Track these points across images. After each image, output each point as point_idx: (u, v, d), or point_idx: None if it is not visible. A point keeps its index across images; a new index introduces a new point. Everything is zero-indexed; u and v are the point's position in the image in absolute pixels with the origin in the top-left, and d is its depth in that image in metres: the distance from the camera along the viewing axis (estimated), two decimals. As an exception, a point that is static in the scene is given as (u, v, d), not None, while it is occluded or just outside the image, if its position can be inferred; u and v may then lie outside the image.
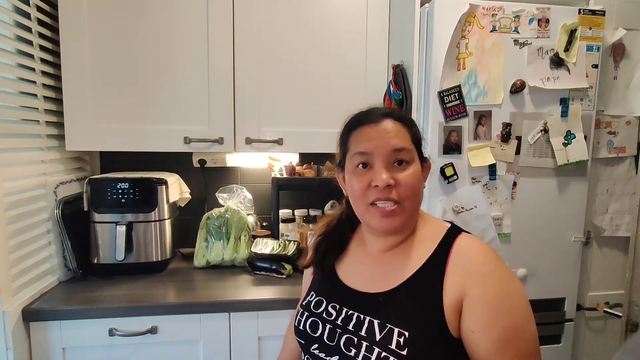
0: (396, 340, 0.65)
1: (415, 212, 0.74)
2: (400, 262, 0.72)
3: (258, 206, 1.77)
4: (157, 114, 1.42)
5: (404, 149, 0.70)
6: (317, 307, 0.77)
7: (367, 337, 0.68)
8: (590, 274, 1.49)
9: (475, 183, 1.32)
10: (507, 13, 1.27)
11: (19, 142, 1.22)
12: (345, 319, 0.72)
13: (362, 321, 0.70)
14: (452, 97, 1.27)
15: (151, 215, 1.41)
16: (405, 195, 0.69)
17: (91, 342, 1.15)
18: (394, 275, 0.71)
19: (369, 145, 0.70)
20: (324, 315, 0.75)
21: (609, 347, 1.52)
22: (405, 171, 0.70)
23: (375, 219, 0.70)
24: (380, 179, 0.68)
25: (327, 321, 0.74)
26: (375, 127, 0.72)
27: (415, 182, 0.70)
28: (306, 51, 1.48)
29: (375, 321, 0.68)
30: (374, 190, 0.69)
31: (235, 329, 1.22)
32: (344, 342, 0.70)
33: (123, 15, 1.36)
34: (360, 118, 0.75)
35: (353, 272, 0.78)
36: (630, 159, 1.46)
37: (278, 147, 1.48)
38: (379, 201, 0.69)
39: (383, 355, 0.64)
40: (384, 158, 0.69)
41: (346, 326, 0.71)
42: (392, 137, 0.70)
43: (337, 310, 0.74)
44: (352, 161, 0.73)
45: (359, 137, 0.73)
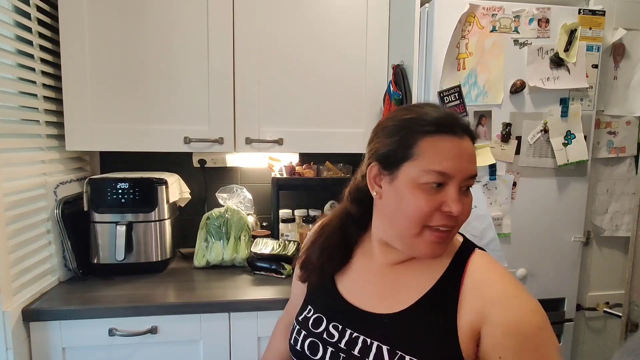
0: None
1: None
2: (410, 278, 0.66)
3: (258, 206, 1.77)
4: (157, 114, 1.42)
5: (475, 177, 0.64)
6: (316, 325, 0.71)
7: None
8: (590, 274, 1.49)
9: (475, 183, 1.31)
10: (507, 13, 1.27)
11: (19, 142, 1.22)
12: (349, 342, 0.66)
13: (369, 346, 0.63)
14: (452, 97, 1.27)
15: (151, 215, 1.41)
16: (462, 221, 0.64)
17: (91, 342, 1.15)
18: (404, 294, 0.65)
19: (453, 166, 0.60)
20: (325, 336, 0.69)
21: (609, 347, 1.52)
22: (468, 197, 0.64)
23: (427, 243, 0.62)
24: (457, 207, 0.60)
25: (329, 343, 0.68)
26: (459, 143, 0.62)
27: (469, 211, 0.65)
28: (306, 51, 1.48)
29: (384, 347, 0.62)
30: (442, 215, 0.61)
31: (235, 329, 1.22)
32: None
33: (123, 15, 1.36)
34: (440, 122, 0.62)
35: (356, 286, 0.71)
36: (630, 159, 1.46)
37: (278, 147, 1.48)
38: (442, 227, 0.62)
39: None
40: (461, 183, 0.62)
41: (351, 350, 0.65)
42: (472, 161, 0.63)
43: (340, 332, 0.68)
44: (423, 175, 0.61)
45: (440, 151, 0.61)
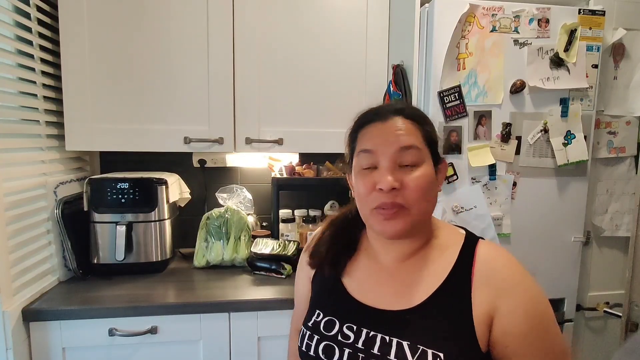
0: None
1: (425, 218, 0.68)
2: (421, 274, 0.66)
3: (258, 206, 1.77)
4: (157, 114, 1.41)
5: (412, 147, 0.64)
6: (328, 329, 0.69)
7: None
8: (590, 274, 1.49)
9: (475, 183, 1.32)
10: (507, 13, 1.27)
11: (19, 142, 1.22)
12: (367, 341, 0.65)
13: (389, 343, 0.63)
14: (452, 97, 1.27)
15: (151, 215, 1.41)
16: (412, 200, 0.63)
17: (91, 342, 1.15)
18: (418, 289, 0.65)
19: (373, 142, 0.65)
20: (340, 338, 0.67)
21: (609, 347, 1.52)
22: (413, 173, 0.64)
23: (378, 222, 0.65)
24: (385, 181, 0.62)
25: (345, 345, 0.66)
26: (383, 124, 0.66)
27: (424, 184, 0.64)
28: (306, 51, 1.48)
29: (405, 342, 0.62)
30: (378, 193, 0.63)
31: (235, 329, 1.22)
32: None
33: (123, 15, 1.36)
34: (369, 114, 0.70)
35: (366, 287, 0.71)
36: (630, 159, 1.46)
37: (278, 147, 1.48)
38: (382, 207, 0.63)
39: None
40: (390, 158, 0.63)
41: (370, 349, 0.64)
42: (399, 134, 0.64)
43: (355, 332, 0.66)
44: (357, 160, 0.68)
45: (366, 135, 0.67)
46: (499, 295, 0.61)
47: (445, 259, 0.66)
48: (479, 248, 0.66)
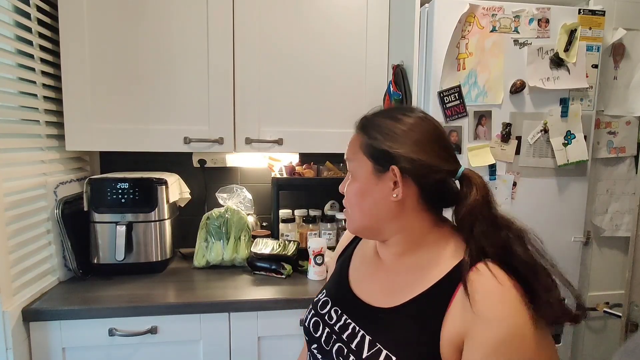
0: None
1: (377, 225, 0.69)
2: (411, 276, 0.67)
3: (258, 206, 1.77)
4: (157, 114, 1.41)
5: (348, 160, 0.71)
6: (322, 307, 0.76)
7: (355, 351, 0.65)
8: (590, 274, 1.49)
9: (475, 183, 1.32)
10: (507, 13, 1.27)
11: (19, 142, 1.22)
12: (342, 326, 0.70)
13: (356, 334, 0.67)
14: (452, 97, 1.27)
15: (151, 215, 1.41)
16: (347, 206, 0.71)
17: (91, 342, 1.15)
18: (401, 291, 0.66)
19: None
20: (326, 318, 0.74)
21: (609, 347, 1.52)
22: (349, 183, 0.71)
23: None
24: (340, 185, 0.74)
25: (327, 324, 0.73)
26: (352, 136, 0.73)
27: (351, 195, 0.70)
28: (306, 51, 1.48)
29: (367, 337, 0.65)
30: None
31: (235, 329, 1.22)
32: (336, 350, 0.69)
33: (123, 15, 1.36)
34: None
35: (362, 278, 0.75)
36: (630, 159, 1.46)
37: (278, 147, 1.48)
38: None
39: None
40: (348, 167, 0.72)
41: (341, 334, 0.69)
42: (347, 149, 0.72)
43: (338, 316, 0.72)
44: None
45: None
46: (473, 321, 0.57)
47: (437, 270, 0.64)
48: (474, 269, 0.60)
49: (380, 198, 0.67)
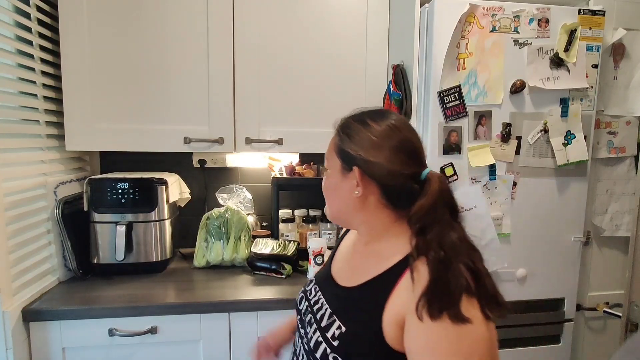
0: (333, 331, 0.71)
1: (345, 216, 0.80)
2: (372, 262, 0.75)
3: (258, 206, 1.77)
4: (157, 114, 1.42)
5: (326, 158, 0.82)
6: (308, 285, 0.88)
7: (318, 320, 0.76)
8: (590, 274, 1.49)
9: (475, 183, 1.32)
10: (507, 13, 1.27)
11: (19, 142, 1.22)
12: (315, 301, 0.81)
13: (322, 307, 0.78)
14: (452, 97, 1.27)
15: (151, 215, 1.41)
16: (325, 197, 0.83)
17: (91, 342, 1.15)
18: (362, 274, 0.75)
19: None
20: (308, 294, 0.84)
21: (609, 347, 1.52)
22: (325, 177, 0.83)
23: None
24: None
25: (307, 299, 0.83)
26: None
27: (327, 187, 0.82)
28: (306, 51, 1.48)
29: (329, 310, 0.75)
30: None
31: (235, 329, 1.22)
32: (308, 320, 0.79)
33: (123, 15, 1.36)
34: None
35: (341, 263, 0.86)
36: (630, 159, 1.46)
37: (278, 147, 1.48)
38: None
39: (320, 339, 0.73)
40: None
41: (314, 307, 0.80)
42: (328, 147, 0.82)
43: (315, 292, 0.83)
44: None
45: None
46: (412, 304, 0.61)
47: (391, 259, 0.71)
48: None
49: (346, 193, 0.76)
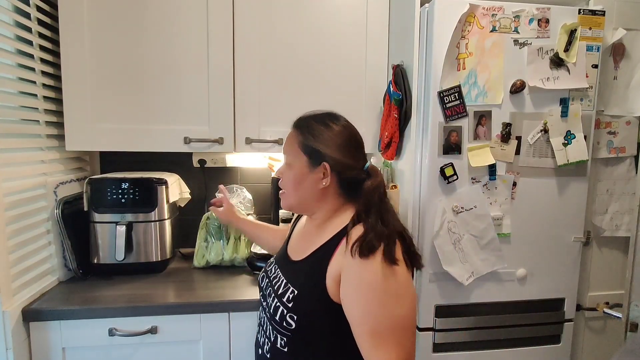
0: (288, 295, 0.87)
1: (305, 203, 0.93)
2: (315, 238, 0.92)
3: (258, 206, 1.77)
4: (157, 114, 1.42)
5: (286, 154, 0.94)
6: (269, 265, 1.02)
7: (275, 290, 0.91)
8: (590, 274, 1.49)
9: (475, 183, 1.32)
10: (507, 13, 1.27)
11: (19, 142, 1.22)
12: (274, 276, 0.95)
13: (279, 279, 0.93)
14: (452, 97, 1.27)
15: (151, 215, 1.41)
16: (283, 187, 0.94)
17: (91, 342, 1.16)
18: (308, 249, 0.91)
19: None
20: (268, 273, 0.99)
21: (609, 347, 1.52)
22: (287, 171, 0.93)
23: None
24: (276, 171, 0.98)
25: (268, 276, 0.98)
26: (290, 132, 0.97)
27: (291, 179, 0.92)
28: (306, 51, 1.48)
29: (284, 280, 0.91)
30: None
31: (235, 329, 1.22)
32: (267, 293, 0.94)
33: (123, 15, 1.36)
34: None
35: (295, 242, 1.01)
36: (630, 159, 1.46)
37: (278, 147, 1.48)
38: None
39: (277, 304, 0.87)
40: (283, 157, 0.96)
41: (272, 281, 0.94)
42: (285, 142, 0.96)
43: (274, 269, 0.98)
44: None
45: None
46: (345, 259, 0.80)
47: (330, 232, 0.89)
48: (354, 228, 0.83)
49: (312, 184, 0.91)
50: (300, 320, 0.84)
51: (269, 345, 0.91)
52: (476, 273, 1.33)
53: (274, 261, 1.02)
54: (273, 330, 0.89)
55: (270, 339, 0.90)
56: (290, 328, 0.84)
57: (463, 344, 1.36)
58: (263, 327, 0.95)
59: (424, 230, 1.31)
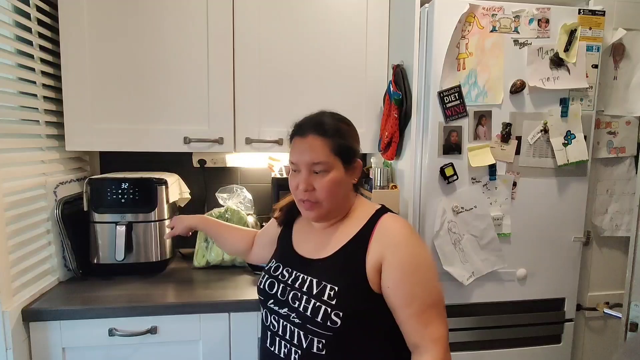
0: (328, 293, 0.84)
1: (338, 206, 0.92)
2: (336, 236, 0.92)
3: (258, 206, 1.77)
4: (157, 114, 1.42)
5: (320, 162, 0.88)
6: (275, 271, 0.96)
7: (307, 291, 0.86)
8: (590, 274, 1.49)
9: (475, 183, 1.32)
10: (507, 13, 1.27)
11: (19, 142, 1.22)
12: (294, 279, 0.91)
13: (305, 280, 0.88)
14: (452, 97, 1.27)
15: (151, 216, 1.41)
16: (321, 198, 0.88)
17: (91, 342, 1.15)
18: (331, 246, 0.91)
19: (296, 157, 0.91)
20: (279, 277, 0.94)
21: (609, 347, 1.52)
22: (322, 178, 0.88)
23: (303, 210, 0.93)
24: (302, 185, 0.88)
25: (281, 281, 0.92)
26: (302, 141, 0.90)
27: (330, 186, 0.88)
28: (306, 51, 1.48)
29: (314, 280, 0.87)
30: (299, 190, 0.89)
31: (235, 329, 1.22)
32: (291, 297, 0.88)
33: (123, 15, 1.36)
34: (296, 128, 0.95)
35: (303, 243, 0.98)
36: (630, 159, 1.46)
37: (278, 147, 1.48)
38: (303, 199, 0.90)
39: (317, 304, 0.83)
40: (305, 168, 0.89)
41: (294, 285, 0.89)
42: (310, 152, 0.88)
43: (289, 273, 0.93)
44: (289, 164, 0.94)
45: (293, 148, 0.93)
46: (386, 248, 0.83)
47: (356, 225, 0.90)
48: (382, 217, 0.88)
49: (346, 185, 0.91)
50: (347, 316, 0.82)
51: (300, 354, 0.86)
52: (476, 273, 1.33)
53: (282, 266, 0.96)
54: (308, 335, 0.84)
55: (302, 345, 0.85)
56: (335, 327, 0.81)
57: (463, 344, 1.36)
58: (285, 336, 0.88)
59: (424, 231, 1.31)
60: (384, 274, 0.83)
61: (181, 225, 1.25)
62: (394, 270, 0.82)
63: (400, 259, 0.82)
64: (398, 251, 0.83)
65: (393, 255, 0.82)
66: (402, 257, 0.83)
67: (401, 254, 0.83)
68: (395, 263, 0.82)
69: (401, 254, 0.83)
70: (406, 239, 0.85)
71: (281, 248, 1.03)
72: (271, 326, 0.92)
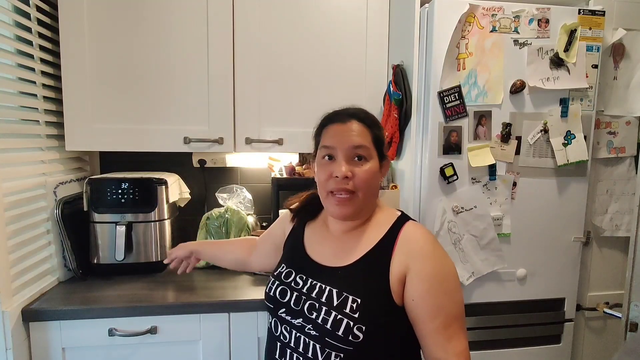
0: (350, 305, 0.78)
1: (369, 202, 0.86)
2: (357, 242, 0.85)
3: (258, 206, 1.77)
4: (157, 114, 1.41)
5: (363, 147, 0.82)
6: (287, 277, 0.89)
7: (327, 302, 0.80)
8: (590, 274, 1.49)
9: (475, 183, 1.32)
10: (507, 13, 1.27)
11: (19, 142, 1.22)
12: (309, 287, 0.84)
13: (323, 290, 0.82)
14: (452, 97, 1.27)
15: (151, 215, 1.41)
16: (360, 187, 0.82)
17: (91, 342, 1.15)
18: (351, 253, 0.84)
19: (333, 140, 0.84)
20: (292, 285, 0.87)
21: (609, 347, 1.52)
22: (362, 166, 0.83)
23: (332, 205, 0.84)
24: (340, 170, 0.81)
25: (295, 289, 0.86)
26: (342, 125, 0.85)
27: (369, 176, 0.83)
28: (306, 51, 1.48)
29: (334, 290, 0.81)
30: (333, 180, 0.82)
31: (235, 329, 1.22)
32: (307, 307, 0.82)
33: (123, 15, 1.36)
34: (331, 116, 0.89)
35: (318, 248, 0.91)
36: (630, 159, 1.46)
37: (278, 147, 1.48)
38: (336, 191, 0.83)
39: (339, 317, 0.77)
40: (345, 152, 0.82)
41: (310, 294, 0.83)
42: (354, 135, 0.83)
43: (304, 281, 0.86)
44: (320, 153, 0.87)
45: (328, 133, 0.86)
46: (411, 259, 0.79)
47: (377, 233, 0.85)
48: (405, 226, 0.84)
49: (379, 180, 0.87)
50: (369, 330, 0.76)
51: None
52: (476, 273, 1.33)
53: (295, 272, 0.89)
54: (325, 349, 0.78)
55: (318, 359, 0.79)
56: (356, 341, 0.76)
57: (463, 344, 1.36)
58: (298, 348, 0.82)
59: (424, 230, 1.31)
60: (408, 285, 0.78)
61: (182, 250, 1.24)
62: (421, 282, 0.78)
63: (428, 271, 0.78)
64: (425, 263, 0.79)
65: (420, 267, 0.78)
66: (429, 269, 0.78)
67: (429, 266, 0.79)
68: (422, 275, 0.78)
69: (429, 266, 0.79)
70: (432, 250, 0.81)
71: (291, 252, 0.95)
72: (282, 337, 0.86)
